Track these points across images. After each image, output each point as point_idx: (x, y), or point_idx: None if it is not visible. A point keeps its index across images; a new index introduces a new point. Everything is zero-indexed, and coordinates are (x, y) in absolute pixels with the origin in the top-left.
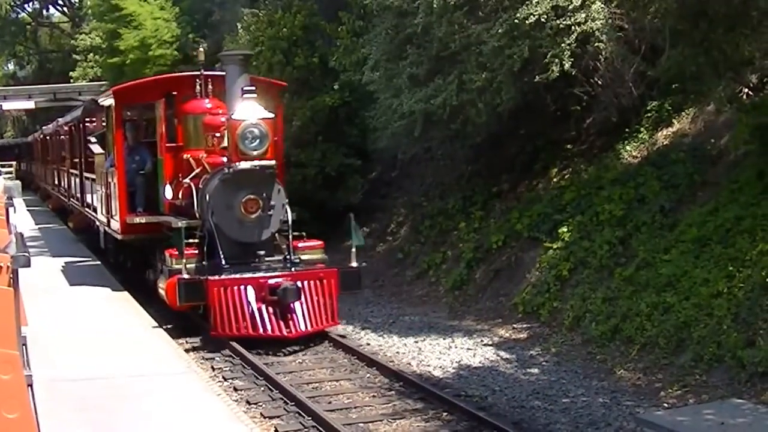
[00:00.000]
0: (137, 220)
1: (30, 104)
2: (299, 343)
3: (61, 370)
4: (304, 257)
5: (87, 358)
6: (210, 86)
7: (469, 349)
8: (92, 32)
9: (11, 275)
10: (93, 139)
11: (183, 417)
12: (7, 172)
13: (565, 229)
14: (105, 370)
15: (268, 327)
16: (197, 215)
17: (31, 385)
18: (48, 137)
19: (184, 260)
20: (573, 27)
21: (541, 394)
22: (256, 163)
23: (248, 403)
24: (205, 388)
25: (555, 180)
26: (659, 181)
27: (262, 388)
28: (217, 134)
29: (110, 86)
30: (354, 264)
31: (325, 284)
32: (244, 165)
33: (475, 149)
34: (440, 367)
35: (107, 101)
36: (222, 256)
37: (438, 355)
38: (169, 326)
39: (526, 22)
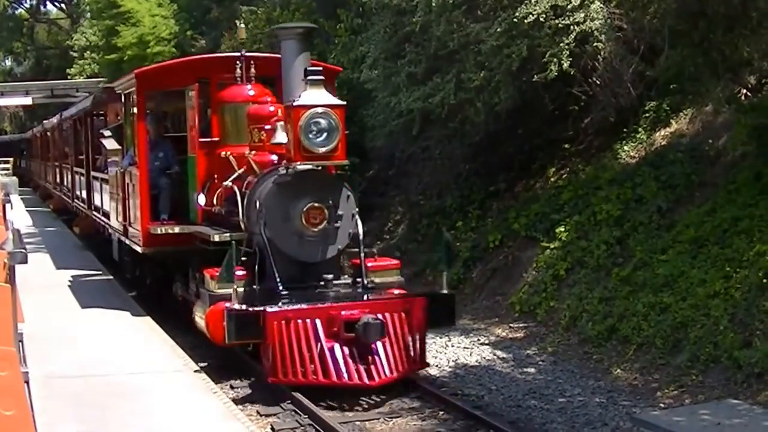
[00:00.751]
0: (163, 230)
1: (27, 100)
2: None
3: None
4: (377, 279)
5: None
6: (253, 70)
7: (465, 348)
8: (90, 29)
9: (8, 272)
10: (107, 133)
11: (179, 414)
12: (2, 169)
13: (562, 229)
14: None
15: (344, 373)
16: (242, 226)
17: (27, 382)
18: (49, 132)
19: (235, 286)
20: (572, 27)
21: (537, 394)
22: (324, 162)
23: None
24: (202, 386)
25: (552, 179)
26: (657, 181)
27: None
28: (267, 126)
29: (109, 81)
30: (445, 290)
31: (413, 316)
32: (307, 165)
33: (472, 148)
34: (437, 365)
35: (126, 87)
36: (278, 280)
37: (434, 353)
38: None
39: (525, 21)
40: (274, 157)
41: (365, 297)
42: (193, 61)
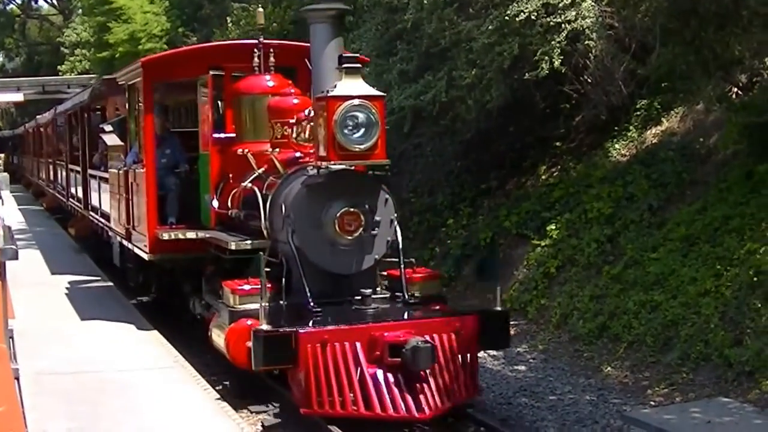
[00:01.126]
0: (172, 235)
1: (19, 96)
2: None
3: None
4: (417, 292)
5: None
6: (272, 59)
7: None
8: (81, 26)
9: None
10: (108, 128)
11: (170, 411)
12: None
13: (553, 227)
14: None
15: (389, 404)
16: (265, 233)
17: (17, 378)
18: (43, 128)
19: (263, 302)
20: (563, 25)
21: (528, 391)
22: (362, 162)
23: None
24: (193, 384)
25: (544, 177)
26: (648, 179)
27: None
28: (292, 120)
29: (101, 77)
30: (498, 307)
31: (464, 337)
32: (341, 165)
33: (464, 146)
34: None
35: (131, 78)
36: (309, 295)
37: None
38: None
39: (517, 19)
40: (298, 154)
41: (411, 315)
42: (205, 49)
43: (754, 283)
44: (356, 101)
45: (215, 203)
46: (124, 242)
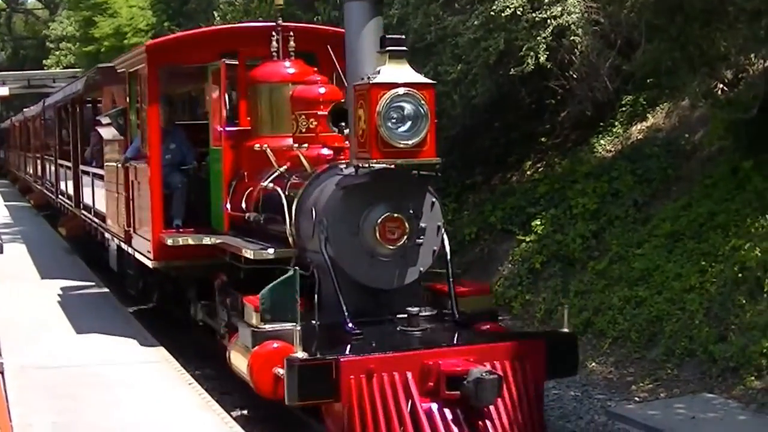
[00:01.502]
0: (180, 241)
1: (4, 90)
2: None
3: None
4: (465, 309)
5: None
6: (292, 43)
7: None
8: (67, 20)
9: None
10: (104, 120)
11: (154, 405)
12: None
13: (538, 222)
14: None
15: None
16: (290, 241)
17: (2, 372)
18: (30, 121)
19: (297, 326)
20: (549, 20)
21: None
22: (409, 160)
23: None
24: (177, 377)
25: (529, 173)
26: (633, 175)
27: None
28: (320, 112)
29: (87, 70)
30: (565, 329)
31: (529, 364)
32: (384, 163)
33: (449, 141)
34: None
35: (132, 65)
36: (346, 313)
37: None
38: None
39: (502, 14)
40: (326, 151)
41: (469, 339)
42: (217, 33)
43: (739, 279)
44: (402, 90)
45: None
46: (123, 246)
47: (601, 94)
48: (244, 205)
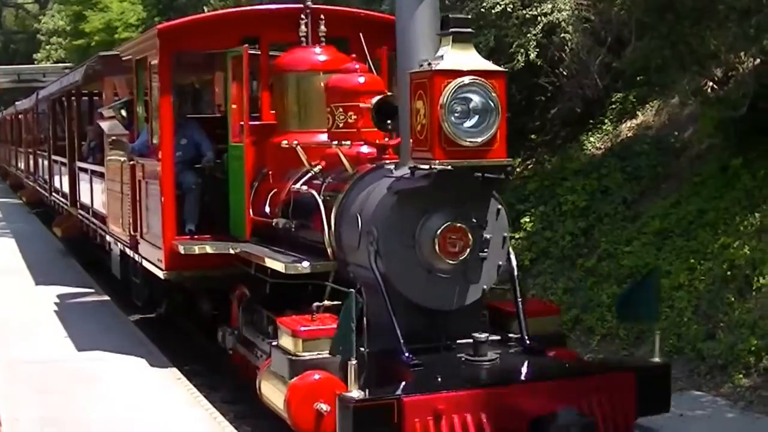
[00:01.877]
0: (196, 249)
1: None
2: None
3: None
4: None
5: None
6: (323, 27)
7: None
8: (58, 14)
9: None
10: (106, 113)
11: (143, 401)
12: None
13: (527, 219)
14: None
15: None
16: (329, 253)
17: None
18: (22, 115)
19: (353, 359)
20: (539, 17)
21: None
22: (477, 161)
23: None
24: (166, 374)
25: (518, 170)
26: (622, 172)
27: None
28: (362, 104)
29: (77, 65)
30: (656, 358)
31: (617, 400)
32: (449, 164)
33: None
34: None
35: (141, 51)
36: (401, 341)
37: None
38: None
39: (492, 11)
40: (364, 149)
41: (550, 373)
42: (238, 15)
43: (728, 277)
44: (468, 79)
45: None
46: (128, 251)
47: (591, 91)
48: (267, 209)
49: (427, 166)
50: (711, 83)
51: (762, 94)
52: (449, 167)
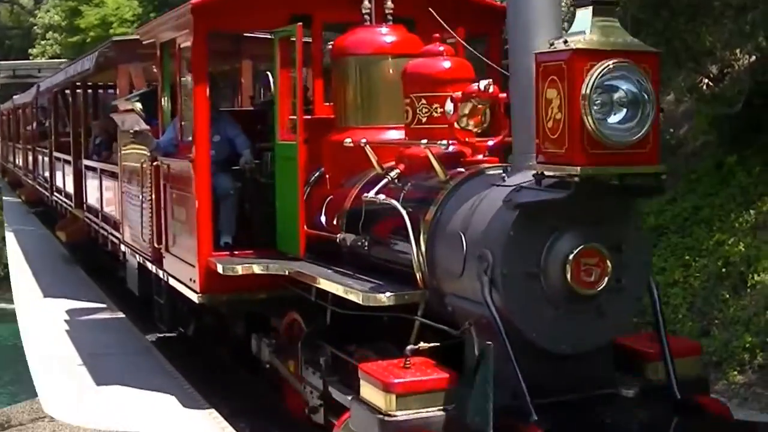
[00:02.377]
0: (239, 269)
1: None
2: None
3: None
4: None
5: None
6: (389, 3)
7: None
8: (53, 9)
9: None
10: (122, 105)
11: (138, 397)
12: None
13: None
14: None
15: None
16: (418, 279)
17: None
18: (21, 109)
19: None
20: None
21: None
22: (627, 169)
23: None
24: (163, 370)
25: None
26: None
27: None
28: (459, 94)
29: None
30: None
31: None
32: (595, 171)
33: None
34: None
35: (170, 31)
36: (526, 392)
37: None
38: None
39: None
40: (457, 151)
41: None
42: None
43: (723, 273)
44: (612, 62)
45: (322, 220)
46: (149, 265)
47: None
48: (324, 219)
49: (560, 173)
50: (706, 80)
51: (757, 91)
52: (594, 175)
